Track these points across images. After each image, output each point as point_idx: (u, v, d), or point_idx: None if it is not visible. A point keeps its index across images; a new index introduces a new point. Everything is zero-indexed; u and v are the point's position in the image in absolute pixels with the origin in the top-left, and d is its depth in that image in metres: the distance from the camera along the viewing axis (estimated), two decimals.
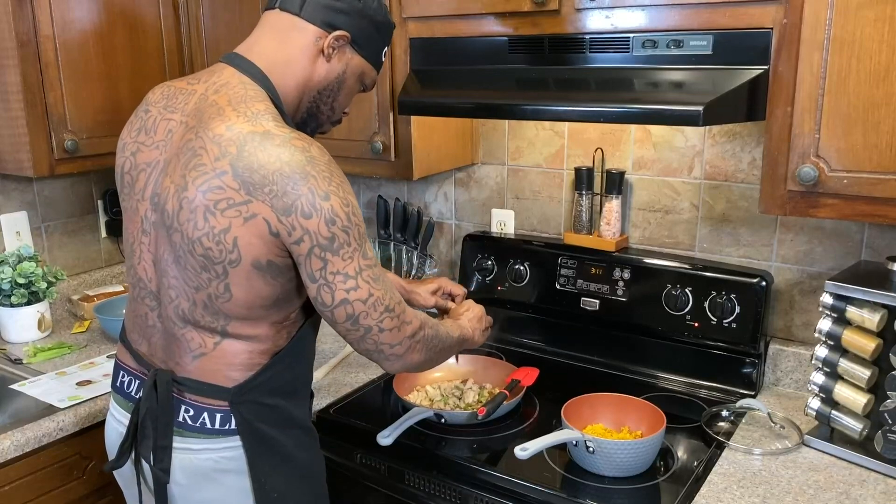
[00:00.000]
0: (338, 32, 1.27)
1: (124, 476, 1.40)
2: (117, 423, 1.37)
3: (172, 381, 1.26)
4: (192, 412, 1.26)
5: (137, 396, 1.32)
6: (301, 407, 1.36)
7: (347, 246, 1.16)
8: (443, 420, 1.60)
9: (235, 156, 1.13)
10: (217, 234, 1.15)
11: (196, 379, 1.26)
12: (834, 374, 1.47)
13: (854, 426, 1.45)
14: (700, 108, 1.32)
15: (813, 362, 1.50)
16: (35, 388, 1.81)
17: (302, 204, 1.12)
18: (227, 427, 1.26)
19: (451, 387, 1.76)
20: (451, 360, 1.85)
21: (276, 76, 1.27)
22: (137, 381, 1.34)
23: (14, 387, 1.83)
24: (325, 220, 1.13)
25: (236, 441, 1.27)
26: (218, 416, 1.25)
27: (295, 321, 1.30)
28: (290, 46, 1.27)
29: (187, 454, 1.26)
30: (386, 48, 1.38)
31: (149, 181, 1.25)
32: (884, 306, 1.39)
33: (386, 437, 1.52)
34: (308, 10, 1.26)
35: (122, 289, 2.36)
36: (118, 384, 1.38)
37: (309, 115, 1.36)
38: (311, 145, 1.17)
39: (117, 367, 1.40)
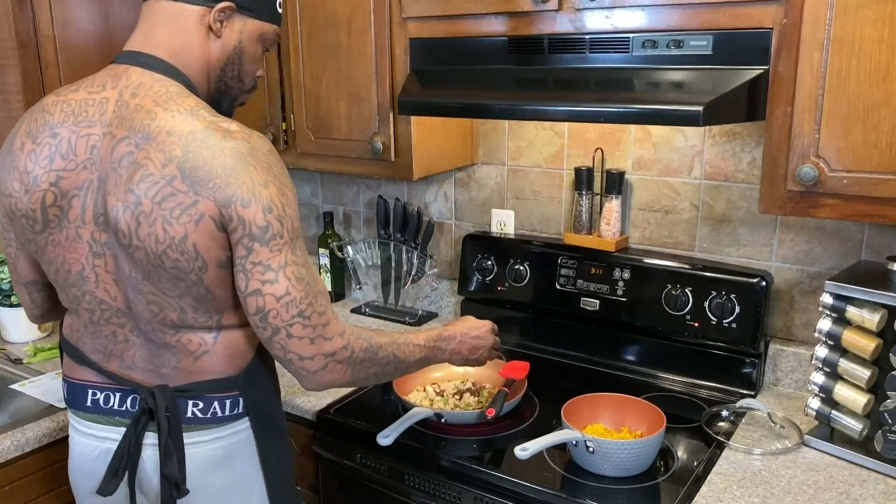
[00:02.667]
0: (220, 5, 1.22)
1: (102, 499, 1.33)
2: (98, 440, 1.30)
3: (176, 391, 1.24)
4: (201, 405, 1.26)
5: (123, 409, 1.28)
6: (277, 380, 1.38)
7: (279, 238, 1.15)
8: (443, 420, 1.60)
9: (181, 158, 1.12)
10: (178, 243, 1.14)
11: (202, 380, 1.25)
12: (834, 374, 1.47)
13: (854, 426, 1.45)
14: (700, 108, 1.32)
15: (813, 362, 1.50)
16: (35, 388, 1.82)
17: (242, 193, 1.12)
18: (235, 412, 1.28)
19: (451, 387, 1.76)
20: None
21: (181, 65, 1.23)
22: (118, 395, 1.28)
23: (14, 387, 1.83)
24: (263, 207, 1.13)
25: (244, 423, 1.29)
26: (227, 402, 1.27)
27: None
28: (181, 32, 1.23)
29: (198, 447, 1.26)
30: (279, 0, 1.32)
31: (86, 204, 1.19)
32: (884, 306, 1.39)
33: (386, 437, 1.52)
34: None
35: None
36: (89, 404, 1.30)
37: (220, 94, 1.31)
38: (251, 135, 1.17)
39: (78, 387, 1.31)
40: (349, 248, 2.34)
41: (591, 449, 1.40)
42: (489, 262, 2.06)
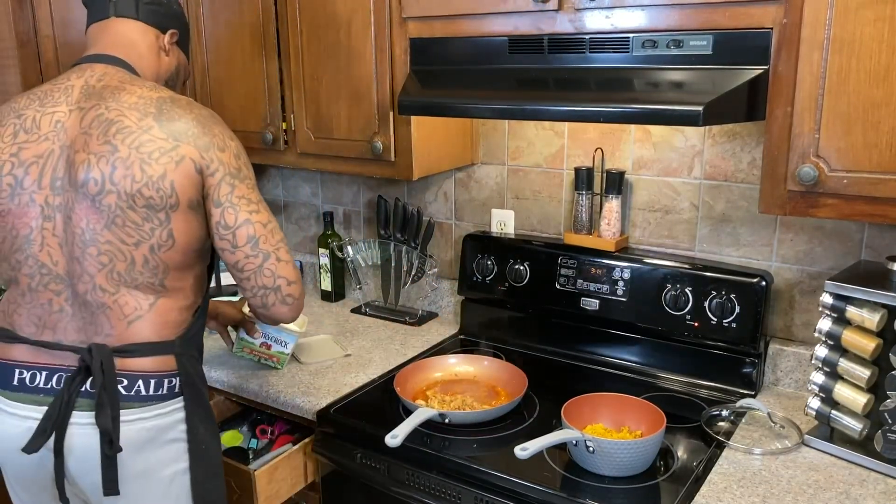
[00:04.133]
0: (172, 31, 1.50)
1: (28, 475, 1.38)
2: (20, 419, 1.34)
3: (113, 351, 1.31)
4: (125, 382, 1.32)
5: (48, 387, 1.33)
6: (201, 359, 1.50)
7: (249, 180, 1.37)
8: (447, 420, 1.60)
9: (156, 114, 1.31)
10: (156, 181, 1.28)
11: (138, 342, 1.33)
12: (834, 374, 1.47)
13: (854, 426, 1.45)
14: (700, 108, 1.32)
15: (813, 362, 1.50)
16: None
17: (217, 141, 1.34)
18: (159, 392, 1.34)
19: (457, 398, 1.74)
20: (451, 360, 1.86)
21: (138, 69, 1.44)
22: (45, 373, 1.34)
23: None
24: (234, 154, 1.36)
25: (170, 407, 1.36)
26: (152, 381, 1.33)
27: (205, 278, 1.47)
28: (139, 45, 1.46)
29: (123, 426, 1.31)
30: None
31: (44, 171, 1.31)
32: (884, 306, 1.39)
33: (395, 438, 1.50)
34: (143, 14, 1.46)
35: None
36: (15, 383, 1.35)
37: None
38: (210, 109, 1.40)
39: (5, 367, 1.36)
40: (349, 248, 2.34)
41: (591, 449, 1.40)
42: (489, 262, 2.06)
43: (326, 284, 2.46)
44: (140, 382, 1.33)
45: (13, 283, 1.37)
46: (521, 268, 2.01)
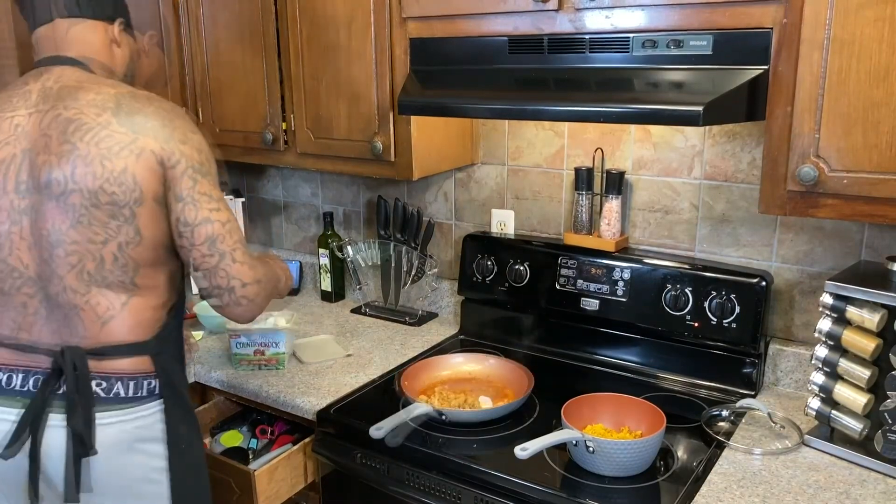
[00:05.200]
0: (119, 20, 1.45)
1: (7, 476, 1.35)
2: None
3: (87, 353, 1.30)
4: (104, 384, 1.31)
5: (25, 389, 1.32)
6: (184, 358, 1.50)
7: (211, 176, 1.34)
8: (444, 417, 1.60)
9: (115, 109, 1.29)
10: (117, 175, 1.25)
11: (112, 343, 1.31)
12: (834, 374, 1.47)
13: (854, 426, 1.45)
14: (700, 108, 1.32)
15: (813, 362, 1.50)
16: None
17: (178, 133, 1.31)
18: (138, 394, 1.33)
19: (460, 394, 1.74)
20: (458, 358, 1.86)
21: (94, 67, 1.40)
22: (21, 374, 1.33)
23: None
24: (196, 147, 1.32)
25: (149, 409, 1.35)
26: (131, 383, 1.32)
27: (179, 276, 1.44)
28: (91, 42, 1.41)
29: (101, 429, 1.30)
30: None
31: (7, 176, 1.30)
32: (884, 306, 1.39)
33: (379, 430, 1.50)
34: (86, 9, 1.40)
35: None
36: None
37: None
38: (172, 103, 1.37)
39: None
40: (349, 248, 2.34)
41: (591, 449, 1.40)
42: (489, 262, 2.06)
43: (326, 285, 2.46)
44: (118, 384, 1.32)
45: None
46: (521, 268, 2.01)
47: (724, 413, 1.65)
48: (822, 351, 1.48)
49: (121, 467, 1.33)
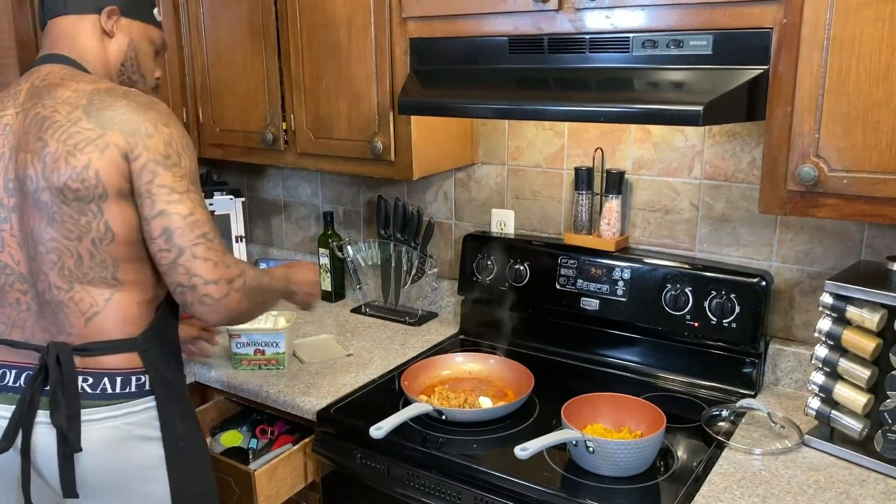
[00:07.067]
0: (107, 9, 1.40)
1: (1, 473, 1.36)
2: None
3: (73, 349, 1.30)
4: (90, 380, 1.30)
5: (17, 385, 1.33)
6: (179, 350, 1.49)
7: (178, 168, 1.28)
8: (444, 417, 1.60)
9: (86, 105, 1.28)
10: (80, 171, 1.24)
11: (98, 340, 1.30)
12: (834, 374, 1.47)
13: (854, 426, 1.45)
14: (700, 107, 1.32)
15: (813, 362, 1.50)
16: None
17: (146, 127, 1.27)
18: (127, 390, 1.32)
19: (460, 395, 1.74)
20: (458, 358, 1.86)
21: (84, 63, 1.39)
22: (14, 371, 1.34)
23: None
24: (164, 140, 1.28)
25: (141, 405, 1.33)
26: (119, 379, 1.31)
27: None
28: (80, 40, 1.40)
29: (89, 425, 1.29)
30: (155, 8, 1.50)
31: None
32: (884, 306, 1.39)
33: (379, 430, 1.50)
34: (70, 4, 1.39)
35: None
36: None
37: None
38: (152, 98, 1.34)
39: None
40: (349, 248, 2.34)
41: (591, 449, 1.40)
42: (489, 262, 2.06)
43: (326, 284, 2.46)
44: (105, 380, 1.31)
45: None
46: (521, 268, 2.01)
47: (724, 413, 1.65)
48: (822, 351, 1.48)
49: (114, 463, 1.32)
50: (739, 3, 1.37)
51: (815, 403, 1.51)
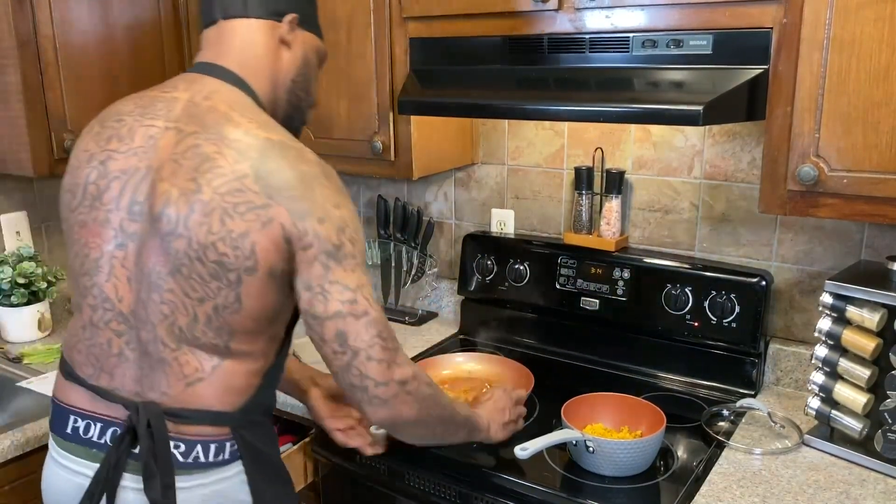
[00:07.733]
0: (289, 17, 1.27)
1: None
2: (72, 474, 1.23)
3: (164, 413, 1.16)
4: (182, 447, 1.17)
5: (102, 442, 1.20)
6: (272, 424, 1.33)
7: (352, 259, 1.14)
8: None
9: (257, 159, 1.11)
10: (235, 238, 1.10)
11: (193, 408, 1.17)
12: (834, 374, 1.47)
13: (854, 426, 1.45)
14: (700, 107, 1.32)
15: (813, 362, 1.50)
16: (43, 385, 1.81)
17: (317, 209, 1.11)
18: (220, 458, 1.19)
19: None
20: (458, 358, 1.86)
21: (251, 79, 1.25)
22: (100, 425, 1.21)
23: (22, 384, 1.84)
24: (336, 227, 1.12)
25: (232, 470, 1.21)
26: (212, 446, 1.18)
27: (283, 336, 1.26)
28: (252, 47, 1.25)
29: (181, 493, 1.17)
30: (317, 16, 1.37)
31: (125, 190, 1.17)
32: (884, 306, 1.39)
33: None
34: (251, 6, 1.24)
35: None
36: (69, 431, 1.23)
37: (293, 109, 1.33)
38: (321, 160, 1.19)
39: (62, 410, 1.25)
40: None
41: (591, 449, 1.40)
42: (489, 262, 2.06)
43: None
44: (199, 448, 1.18)
45: (77, 310, 1.24)
46: (521, 268, 2.01)
47: (724, 413, 1.65)
48: (821, 350, 1.48)
49: None
50: (739, 3, 1.37)
51: (815, 403, 1.51)
